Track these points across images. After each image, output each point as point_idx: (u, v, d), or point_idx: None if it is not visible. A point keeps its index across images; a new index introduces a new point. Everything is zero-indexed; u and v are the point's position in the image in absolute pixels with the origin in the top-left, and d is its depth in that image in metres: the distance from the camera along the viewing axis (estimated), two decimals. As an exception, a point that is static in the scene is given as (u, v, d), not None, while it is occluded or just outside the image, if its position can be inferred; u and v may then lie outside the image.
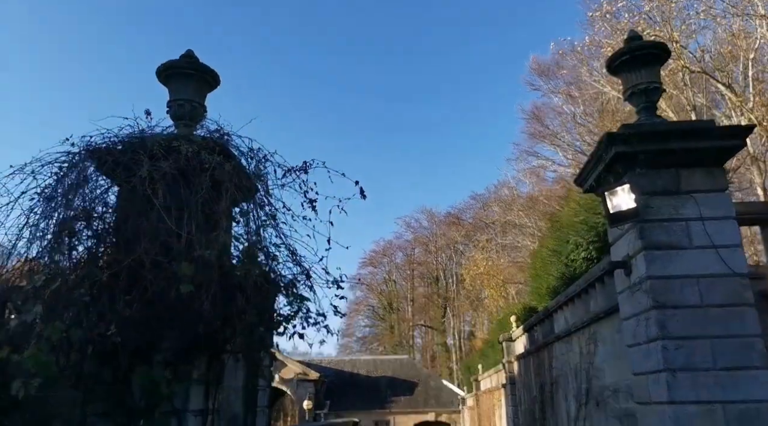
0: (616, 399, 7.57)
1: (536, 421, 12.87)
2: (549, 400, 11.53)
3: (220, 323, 5.21)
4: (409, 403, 36.51)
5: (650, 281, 5.56)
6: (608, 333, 7.90)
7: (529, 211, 36.80)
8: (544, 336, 12.07)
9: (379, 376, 39.02)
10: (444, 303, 62.53)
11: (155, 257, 4.90)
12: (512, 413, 15.45)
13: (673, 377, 5.22)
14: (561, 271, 12.47)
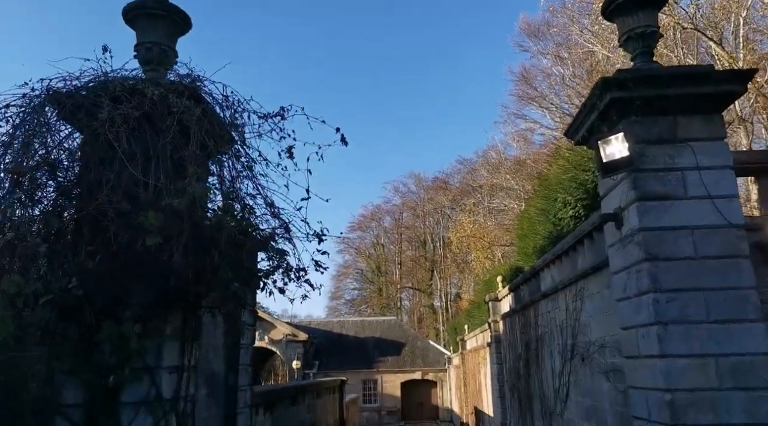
0: (602, 354, 7.49)
1: (521, 377, 12.94)
2: (534, 357, 11.54)
3: (192, 277, 4.92)
4: (396, 363, 37.02)
5: (643, 233, 5.35)
6: (595, 289, 7.76)
7: (516, 174, 36.63)
8: (531, 295, 12.00)
9: (367, 337, 39.42)
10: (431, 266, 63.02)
11: (119, 206, 4.57)
12: (497, 371, 15.57)
13: (664, 330, 5.07)
14: (548, 231, 12.31)
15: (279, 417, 10.94)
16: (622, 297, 5.84)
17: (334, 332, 40.16)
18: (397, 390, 36.33)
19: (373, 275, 67.99)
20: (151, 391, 5.05)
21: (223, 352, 7.81)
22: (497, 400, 15.67)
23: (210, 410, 7.20)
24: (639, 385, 5.48)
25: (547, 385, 10.53)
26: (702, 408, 4.86)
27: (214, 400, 7.38)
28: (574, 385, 8.87)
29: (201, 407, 6.92)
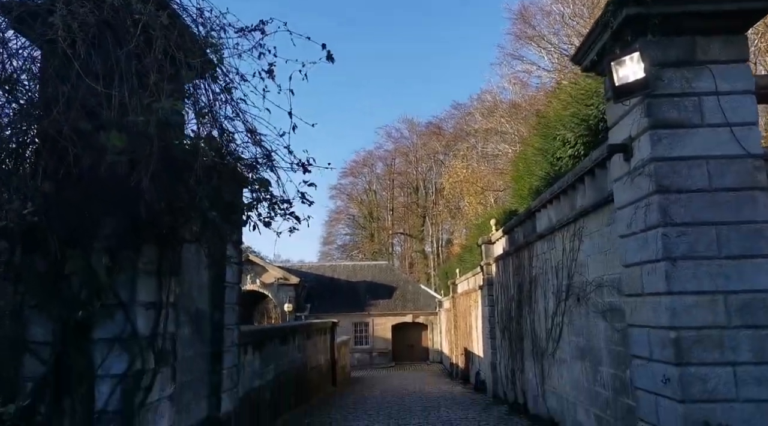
0: (599, 294, 7.27)
1: (512, 319, 12.90)
2: (527, 298, 11.42)
3: (165, 207, 4.51)
4: (388, 306, 37.43)
5: (654, 163, 4.96)
6: (595, 227, 7.46)
7: (511, 118, 35.89)
8: (525, 236, 11.75)
9: (359, 280, 39.65)
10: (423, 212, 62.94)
11: (77, 125, 4.10)
12: (488, 313, 15.57)
13: (672, 266, 4.77)
14: (546, 171, 11.92)
15: (268, 356, 10.84)
16: (626, 233, 5.51)
17: (325, 276, 40.34)
18: (388, 332, 36.90)
19: (365, 221, 67.94)
20: (126, 328, 4.73)
21: (208, 290, 7.52)
22: (488, 341, 15.76)
23: (195, 348, 6.97)
24: (641, 323, 5.24)
25: (540, 326, 10.44)
26: (708, 346, 4.63)
27: (200, 338, 7.14)
28: (568, 325, 8.74)
29: (185, 345, 6.68)
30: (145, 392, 4.75)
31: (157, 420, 5.05)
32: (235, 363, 7.96)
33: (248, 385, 9.48)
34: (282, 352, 12.20)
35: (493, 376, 14.99)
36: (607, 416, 7.06)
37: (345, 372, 22.60)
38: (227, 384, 7.59)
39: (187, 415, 6.64)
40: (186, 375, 6.63)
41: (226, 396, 7.54)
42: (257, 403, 9.86)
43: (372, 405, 13.43)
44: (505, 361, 13.85)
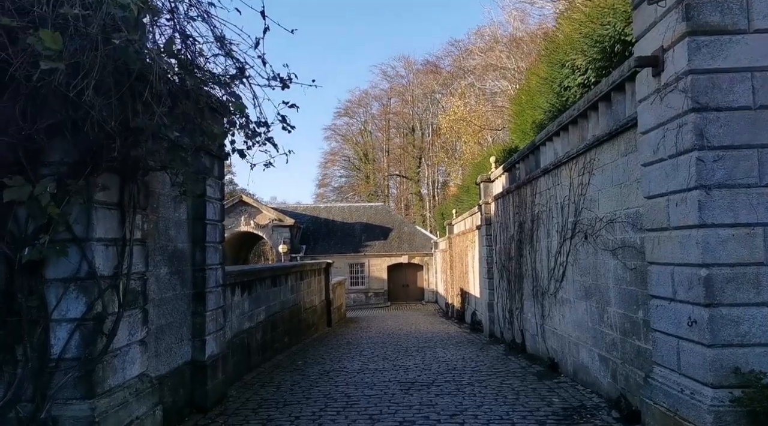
0: (611, 230, 6.73)
1: (511, 259, 12.49)
2: (528, 237, 10.94)
3: (118, 127, 3.83)
4: (383, 247, 37.30)
5: (691, 76, 4.27)
6: (608, 158, 6.83)
7: (511, 53, 34.44)
8: (528, 172, 11.13)
9: (354, 222, 39.33)
10: (419, 153, 62.04)
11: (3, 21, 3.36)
12: (486, 253, 15.18)
13: (706, 195, 4.17)
14: (551, 103, 11.15)
15: (258, 297, 10.42)
16: (651, 161, 4.89)
17: (321, 218, 39.97)
18: (383, 273, 36.95)
19: (360, 163, 67.06)
20: (82, 267, 4.15)
21: (187, 229, 6.94)
22: (485, 281, 15.46)
23: (175, 290, 6.46)
24: (664, 260, 4.71)
25: (541, 266, 10.00)
26: (742, 285, 4.11)
27: (180, 279, 6.62)
28: (573, 264, 8.26)
29: (163, 286, 6.16)
30: (108, 337, 4.23)
31: (126, 366, 4.57)
32: (220, 305, 7.49)
33: (237, 327, 9.09)
34: (274, 294, 11.81)
35: (489, 316, 14.77)
36: (614, 357, 6.69)
37: (341, 312, 22.52)
38: (212, 327, 7.15)
39: (168, 359, 6.20)
40: (165, 318, 6.15)
41: (211, 339, 7.11)
42: (247, 345, 9.52)
43: (367, 345, 13.21)
44: (502, 301, 13.55)
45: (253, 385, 8.38)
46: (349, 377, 8.86)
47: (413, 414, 6.48)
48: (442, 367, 9.60)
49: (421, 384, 8.17)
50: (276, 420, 6.41)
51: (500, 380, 8.36)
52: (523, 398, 7.17)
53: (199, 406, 6.79)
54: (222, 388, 7.40)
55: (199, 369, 6.86)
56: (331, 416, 6.49)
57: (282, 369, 9.88)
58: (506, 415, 6.39)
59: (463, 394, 7.43)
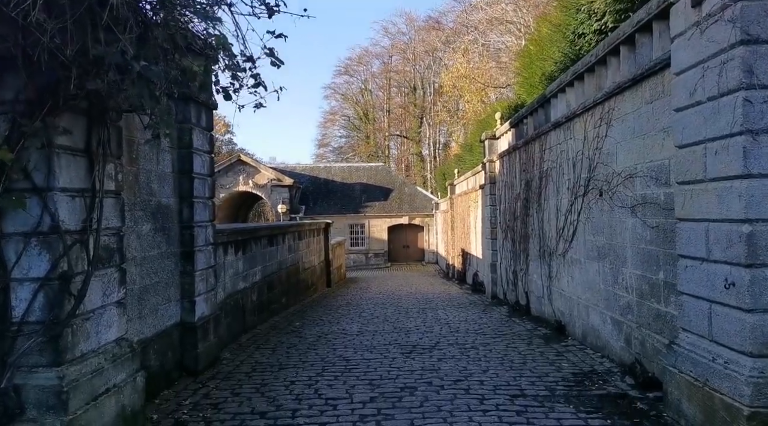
0: (630, 186, 6.24)
1: (516, 219, 12.04)
2: (535, 196, 10.45)
3: (73, 55, 3.28)
4: (384, 208, 36.89)
5: (741, 3, 3.68)
6: (630, 107, 6.27)
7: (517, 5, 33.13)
8: (536, 127, 10.54)
9: (354, 182, 38.80)
10: (420, 113, 60.95)
11: None
12: (489, 213, 14.72)
13: (753, 141, 3.66)
14: (563, 52, 10.47)
15: (253, 257, 10.01)
16: (686, 104, 4.35)
17: (320, 178, 39.40)
18: (384, 234, 36.66)
19: (361, 122, 65.97)
20: (44, 220, 3.67)
21: (172, 183, 6.44)
22: (487, 242, 15.07)
23: (160, 247, 6.01)
24: (697, 216, 4.23)
25: (549, 225, 9.54)
26: (791, 243, 3.64)
27: (165, 236, 6.16)
28: (585, 223, 7.80)
29: (146, 244, 5.70)
30: (76, 298, 3.79)
31: (100, 330, 4.15)
32: (210, 264, 7.06)
33: (231, 287, 8.71)
34: (270, 254, 11.41)
35: (492, 277, 14.43)
36: (628, 321, 6.30)
37: (341, 273, 22.26)
38: (202, 287, 6.74)
39: (154, 320, 5.81)
40: (150, 277, 5.73)
41: (201, 300, 6.71)
42: (242, 306, 9.16)
43: (367, 306, 12.91)
44: (506, 262, 13.18)
45: (248, 348, 8.05)
46: (348, 340, 8.53)
47: (415, 380, 6.13)
48: (445, 330, 9.27)
49: (422, 347, 7.83)
50: (270, 385, 6.06)
51: (505, 343, 8.02)
52: (531, 363, 6.82)
53: (189, 369, 6.45)
54: (214, 351, 7.05)
55: (189, 331, 6.49)
56: (329, 381, 6.15)
57: (279, 330, 9.56)
58: (513, 380, 6.04)
59: (467, 358, 7.09)
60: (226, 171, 35.40)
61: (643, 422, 4.74)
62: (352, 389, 5.82)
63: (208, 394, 5.77)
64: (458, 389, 5.74)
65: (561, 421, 4.80)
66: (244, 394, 5.77)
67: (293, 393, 5.75)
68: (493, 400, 5.38)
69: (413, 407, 5.20)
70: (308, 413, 5.11)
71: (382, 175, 39.86)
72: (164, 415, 5.14)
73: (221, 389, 5.94)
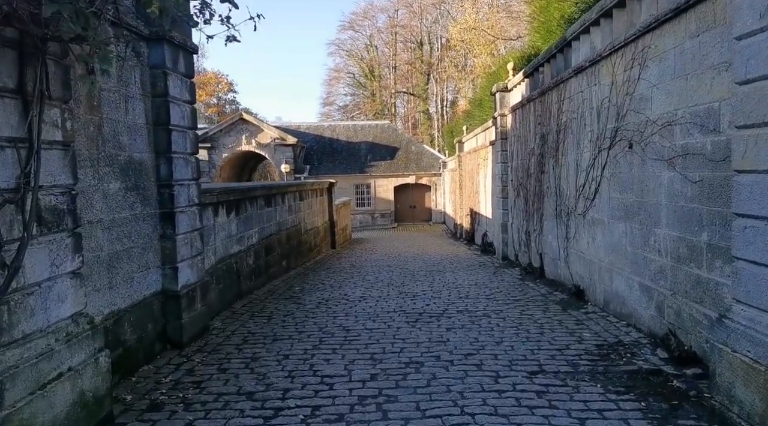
0: (668, 134, 5.45)
1: (530, 176, 11.26)
2: (551, 151, 9.65)
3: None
4: (390, 168, 36.03)
5: None
6: (671, 43, 5.41)
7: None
8: (554, 75, 9.64)
9: (360, 141, 37.85)
10: (428, 69, 59.25)
11: None
12: (500, 170, 13.93)
13: None
14: (586, -10, 9.44)
15: (249, 218, 9.36)
16: (754, 29, 3.52)
17: (324, 137, 38.43)
18: (390, 194, 35.93)
19: (366, 80, 64.34)
20: (-38, 175, 2.98)
21: (146, 136, 5.71)
22: (498, 201, 14.33)
23: (133, 209, 5.33)
24: (763, 167, 3.47)
25: (567, 183, 8.78)
26: None
27: (139, 196, 5.47)
28: (610, 179, 7.04)
29: (114, 205, 5.01)
30: (11, 270, 3.13)
31: (49, 306, 3.51)
32: (195, 227, 6.41)
33: (223, 251, 8.09)
34: (268, 214, 10.75)
35: (503, 238, 13.76)
36: (661, 288, 5.63)
37: (346, 234, 21.69)
38: (185, 251, 6.11)
39: (129, 290, 5.20)
40: (121, 242, 5.08)
41: (185, 266, 6.09)
42: (237, 271, 8.57)
43: (371, 269, 12.33)
44: (518, 222, 12.47)
45: (242, 315, 7.48)
46: (350, 306, 7.94)
47: (421, 353, 5.53)
48: (453, 295, 8.66)
49: (430, 315, 7.23)
50: (261, 359, 5.49)
51: (519, 310, 7.40)
52: (549, 333, 6.20)
53: (174, 341, 5.88)
54: (202, 320, 6.48)
55: (172, 300, 5.89)
56: (326, 355, 5.56)
57: (277, 296, 8.99)
58: (531, 354, 5.43)
59: (478, 328, 6.48)
60: (228, 130, 34.52)
61: (683, 405, 4.13)
62: (352, 365, 5.23)
63: (192, 370, 5.20)
64: (469, 365, 5.13)
65: (588, 404, 4.19)
66: (232, 370, 5.20)
67: (286, 369, 5.16)
68: (509, 378, 4.78)
69: (419, 387, 4.61)
70: (300, 394, 4.53)
71: (388, 133, 38.82)
72: (139, 395, 4.58)
73: (207, 364, 5.38)
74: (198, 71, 73.52)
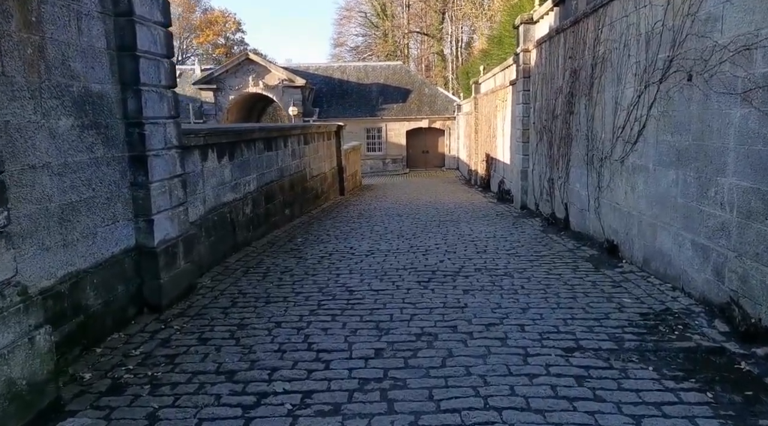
0: (745, 62, 4.40)
1: (556, 118, 10.18)
2: (584, 88, 8.54)
3: None
4: (402, 111, 34.64)
5: None
6: (754, -54, 4.27)
7: None
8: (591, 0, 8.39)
9: (371, 83, 36.29)
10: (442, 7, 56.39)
11: None
12: (522, 112, 12.78)
13: None
14: None
15: (245, 163, 8.48)
16: None
17: (334, 78, 36.86)
18: (402, 138, 34.68)
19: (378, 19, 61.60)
20: None
21: (108, 63, 4.76)
22: (518, 145, 13.27)
23: (92, 151, 4.44)
24: None
25: (602, 124, 7.74)
26: None
27: (100, 136, 4.57)
28: (659, 118, 6.01)
29: (66, 146, 4.09)
30: None
31: (-45, 278, 2.71)
32: (175, 172, 5.56)
33: (214, 200, 7.26)
34: (268, 159, 9.86)
35: (522, 185, 12.79)
36: (721, 248, 4.73)
37: (355, 180, 20.79)
38: (163, 201, 5.28)
39: (91, 248, 4.40)
40: (78, 191, 4.24)
41: (163, 218, 5.28)
42: (231, 222, 7.77)
43: (380, 218, 11.51)
44: (540, 168, 11.48)
45: (235, 271, 6.74)
46: (355, 262, 7.16)
47: (435, 322, 4.74)
48: (470, 249, 7.84)
49: (444, 273, 6.43)
50: (250, 327, 4.75)
51: (546, 268, 6.57)
52: (582, 297, 5.37)
53: (151, 304, 5.15)
54: (187, 278, 5.73)
55: (148, 257, 5.11)
56: (324, 323, 4.80)
57: (277, 248, 8.24)
58: (564, 324, 4.62)
59: (500, 290, 5.67)
60: (235, 71, 33.15)
61: (760, 398, 3.33)
62: (353, 336, 4.47)
63: (168, 340, 4.48)
64: (492, 338, 4.34)
65: (641, 395, 3.40)
66: (214, 340, 4.47)
67: (276, 341, 4.42)
68: (541, 356, 3.98)
69: (432, 367, 3.83)
70: (290, 375, 3.78)
71: (400, 75, 37.12)
72: (101, 372, 3.87)
73: (187, 332, 4.65)
74: (204, 9, 70.13)
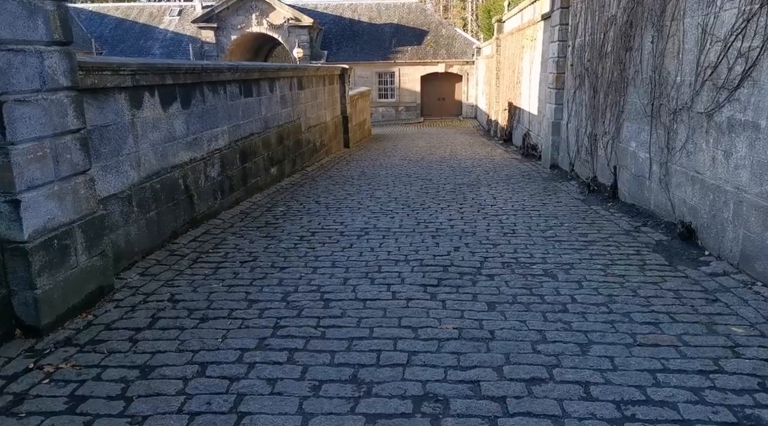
0: None
1: (604, 57, 8.10)
2: (652, 15, 6.47)
3: None
4: (417, 54, 32.00)
5: None
6: None
7: None
8: None
9: (384, 23, 33.52)
10: (463, -59, 52.26)
11: None
12: (556, 51, 10.64)
13: None
14: None
15: (208, 112, 6.63)
16: None
17: (345, 18, 34.10)
18: (416, 84, 32.18)
19: (394, -46, 57.47)
20: None
21: None
22: (548, 93, 11.21)
23: None
24: None
25: (679, 62, 5.73)
26: None
27: None
28: (785, 52, 4.04)
29: None
30: None
31: None
32: (65, 127, 3.76)
33: (158, 162, 5.48)
34: (247, 107, 7.99)
35: (553, 140, 10.81)
36: None
37: (364, 130, 18.79)
38: (41, 172, 3.52)
39: None
40: None
41: (42, 197, 3.53)
42: (186, 189, 6.02)
43: (384, 180, 9.69)
44: (577, 121, 9.47)
45: (180, 260, 5.04)
46: (342, 247, 5.41)
47: (444, 369, 2.98)
48: (494, 229, 6.03)
49: (459, 271, 4.65)
50: (158, 376, 3.06)
51: (601, 264, 4.76)
52: (668, 323, 3.57)
53: (26, 325, 3.49)
54: (93, 280, 4.03)
55: (15, 256, 3.41)
56: (275, 368, 3.09)
57: (248, 222, 6.52)
58: (653, 383, 2.85)
59: (540, 305, 3.88)
60: (236, 8, 30.66)
61: None
62: (314, 398, 2.76)
63: (19, 401, 2.82)
64: (539, 416, 2.61)
65: None
66: (91, 404, 2.80)
67: (186, 409, 2.74)
68: (631, 468, 2.27)
69: (438, 491, 2.15)
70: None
71: (416, 14, 34.20)
72: None
73: (59, 382, 2.98)
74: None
